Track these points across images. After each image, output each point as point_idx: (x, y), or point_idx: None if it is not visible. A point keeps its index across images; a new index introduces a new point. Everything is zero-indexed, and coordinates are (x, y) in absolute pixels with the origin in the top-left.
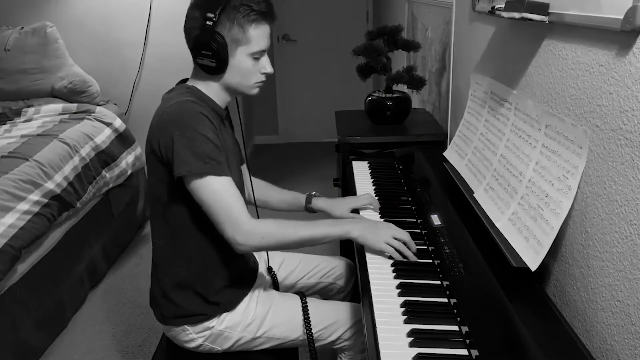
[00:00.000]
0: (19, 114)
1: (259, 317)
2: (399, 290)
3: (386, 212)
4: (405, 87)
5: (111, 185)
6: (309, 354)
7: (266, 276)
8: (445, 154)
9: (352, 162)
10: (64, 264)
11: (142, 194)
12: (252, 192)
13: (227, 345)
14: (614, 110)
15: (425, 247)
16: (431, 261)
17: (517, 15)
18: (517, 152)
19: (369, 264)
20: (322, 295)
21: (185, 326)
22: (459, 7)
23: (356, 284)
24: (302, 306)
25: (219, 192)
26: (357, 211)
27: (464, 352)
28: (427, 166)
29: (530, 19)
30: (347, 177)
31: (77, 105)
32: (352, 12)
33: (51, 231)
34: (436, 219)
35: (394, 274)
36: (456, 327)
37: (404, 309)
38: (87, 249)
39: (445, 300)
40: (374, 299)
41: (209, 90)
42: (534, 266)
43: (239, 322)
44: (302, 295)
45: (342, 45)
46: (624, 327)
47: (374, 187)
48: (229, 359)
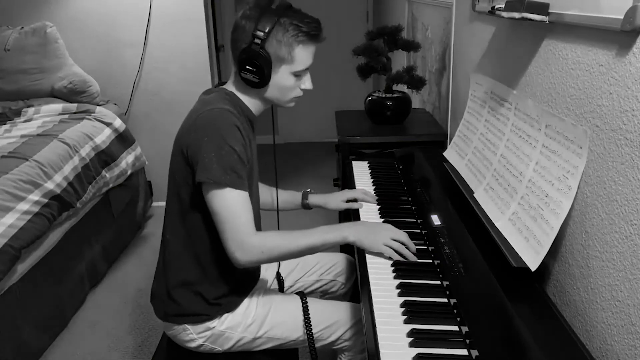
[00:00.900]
0: (19, 114)
1: (260, 317)
2: (399, 290)
3: (386, 212)
4: (405, 87)
5: (111, 185)
6: (309, 354)
7: (267, 278)
8: (445, 154)
9: (352, 162)
10: (64, 264)
11: (142, 194)
12: (276, 187)
13: (227, 345)
14: (614, 110)
15: (425, 247)
16: (431, 261)
17: (517, 15)
18: (517, 152)
19: (369, 264)
20: (323, 292)
21: (186, 325)
22: (459, 7)
23: (356, 283)
24: (303, 306)
25: (232, 206)
26: (356, 214)
27: (464, 352)
28: (427, 166)
29: (530, 19)
30: (347, 177)
31: (77, 105)
32: (352, 12)
33: (51, 231)
34: (436, 219)
35: (394, 274)
36: (456, 327)
37: (404, 309)
38: (87, 249)
39: (445, 300)
40: (374, 299)
41: (246, 98)
42: (534, 266)
43: (240, 323)
44: (303, 295)
45: (342, 45)
46: (624, 327)
47: (374, 187)
48: (230, 359)
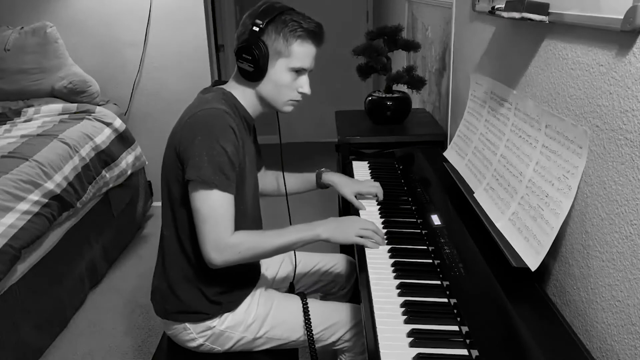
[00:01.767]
0: (19, 114)
1: (260, 317)
2: (399, 290)
3: (386, 212)
4: (405, 87)
5: (111, 185)
6: (309, 354)
7: (267, 277)
8: (445, 154)
9: (352, 162)
10: (64, 264)
11: (142, 194)
12: (285, 185)
13: (227, 345)
14: (614, 110)
15: (425, 247)
16: (431, 261)
17: (517, 15)
18: (517, 152)
19: (369, 264)
20: (324, 293)
21: (186, 324)
22: (459, 7)
23: (357, 283)
24: (303, 307)
25: (216, 207)
26: (356, 211)
27: (464, 352)
28: (427, 166)
29: (530, 19)
30: None
31: (77, 105)
32: (352, 12)
33: (51, 231)
34: (436, 219)
35: (394, 274)
36: (456, 327)
37: (404, 309)
38: (87, 249)
39: (445, 300)
40: (374, 299)
41: (243, 97)
42: (534, 266)
43: (240, 323)
44: (303, 296)
45: (342, 45)
46: (624, 327)
47: None
48: (230, 359)
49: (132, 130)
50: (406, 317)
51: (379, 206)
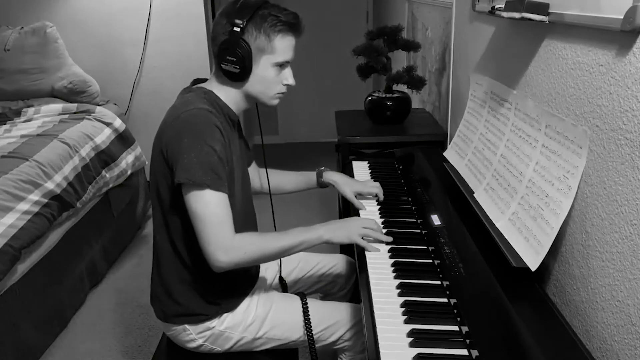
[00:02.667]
0: (18, 114)
1: (260, 317)
2: (399, 290)
3: (386, 212)
4: (405, 87)
5: (111, 185)
6: (309, 354)
7: (267, 277)
8: (445, 154)
9: (352, 162)
10: (64, 264)
11: (142, 194)
12: (268, 184)
13: (227, 345)
14: (614, 110)
15: (425, 247)
16: (431, 261)
17: (517, 15)
18: (517, 152)
19: (369, 264)
20: (323, 293)
21: (185, 325)
22: (459, 7)
23: (356, 283)
24: (303, 307)
25: (211, 207)
26: (356, 211)
27: (464, 352)
28: (427, 166)
29: (530, 19)
30: None
31: (77, 105)
32: (352, 12)
33: (51, 231)
34: (436, 219)
35: (394, 274)
36: (456, 327)
37: (404, 309)
38: (87, 249)
39: (445, 300)
40: (374, 299)
41: (226, 96)
42: (534, 266)
43: (240, 323)
44: (303, 296)
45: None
46: (624, 327)
47: None
48: (230, 359)
49: (132, 130)
50: (406, 317)
51: (379, 206)
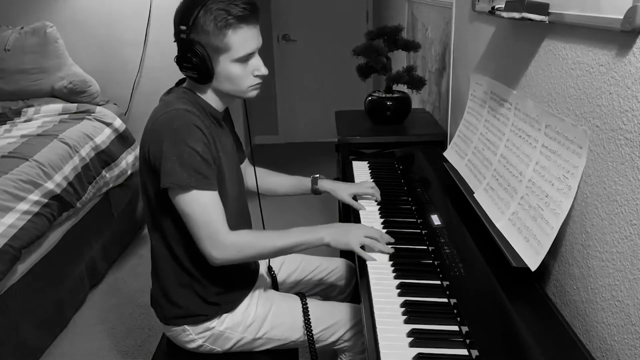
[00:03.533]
0: (19, 114)
1: (260, 318)
2: (399, 290)
3: (386, 212)
4: (405, 87)
5: (111, 185)
6: (309, 354)
7: (266, 277)
8: (445, 154)
9: (352, 162)
10: (64, 264)
11: None
12: (256, 182)
13: (227, 346)
14: (614, 110)
15: (425, 247)
16: (431, 261)
17: (517, 15)
18: (517, 152)
19: (369, 264)
20: (323, 296)
21: (185, 326)
22: (459, 7)
23: (357, 285)
24: (303, 307)
25: (201, 207)
26: (356, 212)
27: (464, 352)
28: (427, 166)
29: (530, 19)
30: (347, 177)
31: (77, 105)
32: (352, 12)
33: (51, 231)
34: (436, 219)
35: (394, 274)
36: (456, 327)
37: (404, 309)
38: (87, 249)
39: (445, 300)
40: (374, 299)
41: (205, 94)
42: (534, 266)
43: (240, 323)
44: (303, 296)
45: (342, 45)
46: (624, 327)
47: None
48: (230, 359)
49: (132, 130)
50: (406, 317)
51: (379, 206)
